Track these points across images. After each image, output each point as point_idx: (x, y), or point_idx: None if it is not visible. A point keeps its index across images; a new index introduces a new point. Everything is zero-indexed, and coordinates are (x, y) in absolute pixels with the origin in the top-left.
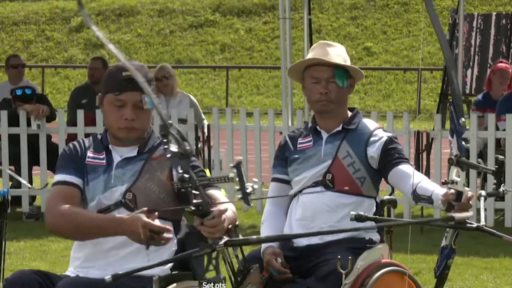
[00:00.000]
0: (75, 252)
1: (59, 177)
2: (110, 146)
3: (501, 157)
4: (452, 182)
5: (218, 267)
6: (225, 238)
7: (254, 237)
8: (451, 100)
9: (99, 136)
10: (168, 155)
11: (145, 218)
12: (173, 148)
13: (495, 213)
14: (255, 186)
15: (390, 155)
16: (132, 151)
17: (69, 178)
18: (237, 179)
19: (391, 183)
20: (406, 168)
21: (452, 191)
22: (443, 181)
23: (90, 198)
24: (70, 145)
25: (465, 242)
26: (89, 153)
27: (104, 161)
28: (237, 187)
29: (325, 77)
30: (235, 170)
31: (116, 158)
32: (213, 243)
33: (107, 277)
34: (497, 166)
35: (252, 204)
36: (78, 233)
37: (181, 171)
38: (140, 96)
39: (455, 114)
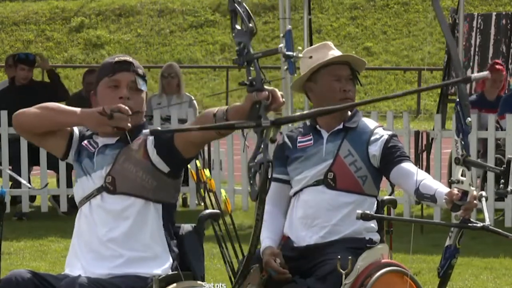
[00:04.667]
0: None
1: None
2: (94, 136)
3: (510, 156)
4: (458, 181)
5: (267, 146)
6: (272, 118)
7: (298, 113)
8: (457, 100)
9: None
10: (233, 33)
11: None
12: (237, 25)
13: (495, 213)
14: (300, 55)
15: (392, 154)
16: (112, 139)
17: None
18: (285, 49)
19: (393, 182)
20: (408, 166)
21: (456, 190)
22: (450, 180)
23: (78, 174)
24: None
25: (465, 242)
26: (86, 140)
27: (96, 146)
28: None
29: (345, 75)
30: (283, 41)
31: (99, 145)
32: (260, 120)
33: (146, 131)
34: (505, 166)
35: (296, 74)
36: (39, 119)
37: (241, 45)
38: (134, 77)
39: (462, 113)
